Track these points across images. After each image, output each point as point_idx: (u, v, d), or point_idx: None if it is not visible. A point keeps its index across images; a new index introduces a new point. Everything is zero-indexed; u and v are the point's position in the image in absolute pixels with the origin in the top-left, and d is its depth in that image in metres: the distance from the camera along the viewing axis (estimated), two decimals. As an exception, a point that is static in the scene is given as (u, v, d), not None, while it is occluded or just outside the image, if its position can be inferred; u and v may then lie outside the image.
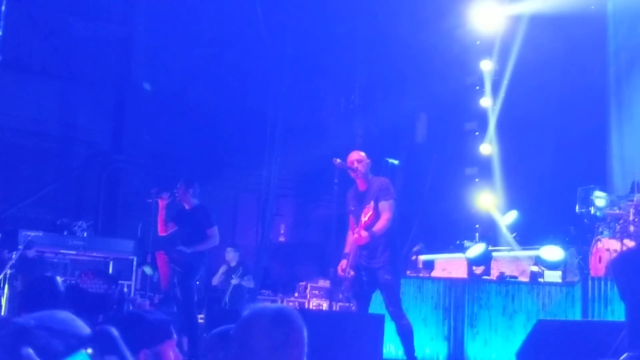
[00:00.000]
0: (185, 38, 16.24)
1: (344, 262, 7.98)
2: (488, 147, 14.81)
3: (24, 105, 14.72)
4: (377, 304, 8.67)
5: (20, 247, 10.95)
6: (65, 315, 1.62)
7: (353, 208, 8.11)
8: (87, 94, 15.36)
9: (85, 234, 12.79)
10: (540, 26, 13.50)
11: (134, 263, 12.75)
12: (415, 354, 8.22)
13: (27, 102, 14.77)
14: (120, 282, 10.82)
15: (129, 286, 12.00)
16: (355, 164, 8.07)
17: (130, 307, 10.07)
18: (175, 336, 3.15)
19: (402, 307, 8.15)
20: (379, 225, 7.81)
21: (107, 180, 15.66)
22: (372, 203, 7.81)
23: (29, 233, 11.63)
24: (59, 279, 8.71)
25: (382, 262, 7.89)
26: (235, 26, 16.57)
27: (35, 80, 15.00)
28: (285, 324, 2.81)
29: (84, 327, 1.62)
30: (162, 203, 9.72)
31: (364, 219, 7.75)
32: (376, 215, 7.83)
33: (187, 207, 9.79)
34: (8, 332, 1.58)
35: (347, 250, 8.07)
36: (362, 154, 8.28)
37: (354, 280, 7.89)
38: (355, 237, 7.77)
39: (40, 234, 12.06)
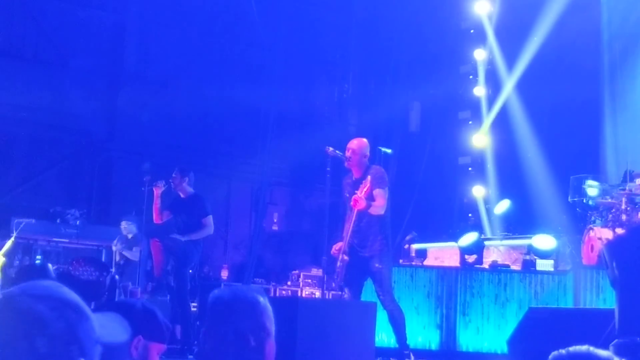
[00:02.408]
0: (179, 26, 16.18)
1: (339, 243, 7.99)
2: (482, 137, 14.81)
3: (16, 92, 14.65)
4: (370, 292, 8.67)
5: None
6: (50, 283, 1.67)
7: (348, 195, 8.11)
8: (80, 81, 15.30)
9: (78, 222, 12.79)
10: (534, 15, 13.49)
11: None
12: (408, 342, 8.24)
13: (19, 90, 14.70)
14: (112, 270, 10.86)
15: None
16: (349, 153, 8.07)
17: (122, 295, 10.08)
18: (165, 347, 3.18)
19: (393, 295, 8.16)
20: (375, 205, 7.81)
21: (100, 168, 15.62)
22: (369, 178, 7.80)
23: (21, 221, 11.63)
24: (50, 266, 8.70)
25: (373, 250, 7.91)
26: (228, 14, 16.52)
27: (27, 68, 14.93)
28: (247, 307, 2.82)
29: (69, 292, 1.67)
30: (156, 191, 9.70)
31: (360, 194, 7.74)
32: (371, 197, 7.83)
33: (182, 195, 9.76)
34: None
35: (345, 234, 8.11)
36: (364, 142, 8.24)
37: (346, 268, 7.90)
38: (354, 197, 7.74)
39: (33, 222, 12.06)
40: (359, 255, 7.93)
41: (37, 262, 11.60)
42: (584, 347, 1.92)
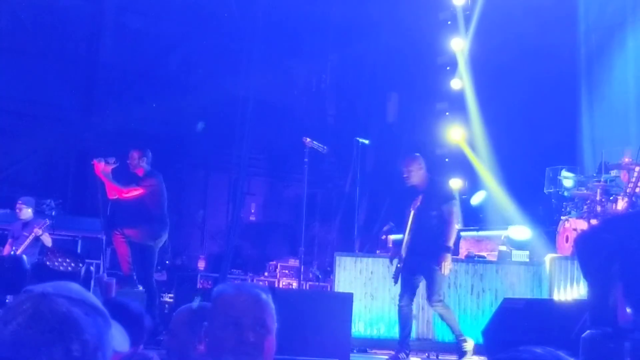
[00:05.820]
0: (156, 15, 16.08)
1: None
2: (459, 129, 14.84)
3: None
4: (352, 287, 8.67)
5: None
6: (77, 286, 1.68)
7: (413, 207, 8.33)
8: (57, 70, 15.18)
9: (53, 213, 12.67)
10: (511, 6, 13.52)
11: (103, 242, 12.65)
12: (460, 331, 8.38)
13: (-5, 79, 14.59)
14: (89, 261, 10.77)
15: (97, 265, 11.92)
16: (405, 174, 8.26)
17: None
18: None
19: (442, 296, 8.32)
20: (449, 229, 7.99)
21: (76, 158, 15.51)
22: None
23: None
24: (24, 257, 8.63)
25: (433, 252, 8.06)
26: (206, 3, 16.43)
27: (3, 57, 14.80)
28: (248, 302, 2.82)
29: (94, 297, 1.69)
30: (106, 169, 9.46)
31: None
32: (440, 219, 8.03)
33: (140, 175, 9.58)
34: (28, 298, 1.61)
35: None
36: (415, 159, 8.41)
37: (402, 270, 8.06)
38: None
39: (8, 212, 11.95)
40: (417, 258, 8.09)
41: (12, 253, 11.48)
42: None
